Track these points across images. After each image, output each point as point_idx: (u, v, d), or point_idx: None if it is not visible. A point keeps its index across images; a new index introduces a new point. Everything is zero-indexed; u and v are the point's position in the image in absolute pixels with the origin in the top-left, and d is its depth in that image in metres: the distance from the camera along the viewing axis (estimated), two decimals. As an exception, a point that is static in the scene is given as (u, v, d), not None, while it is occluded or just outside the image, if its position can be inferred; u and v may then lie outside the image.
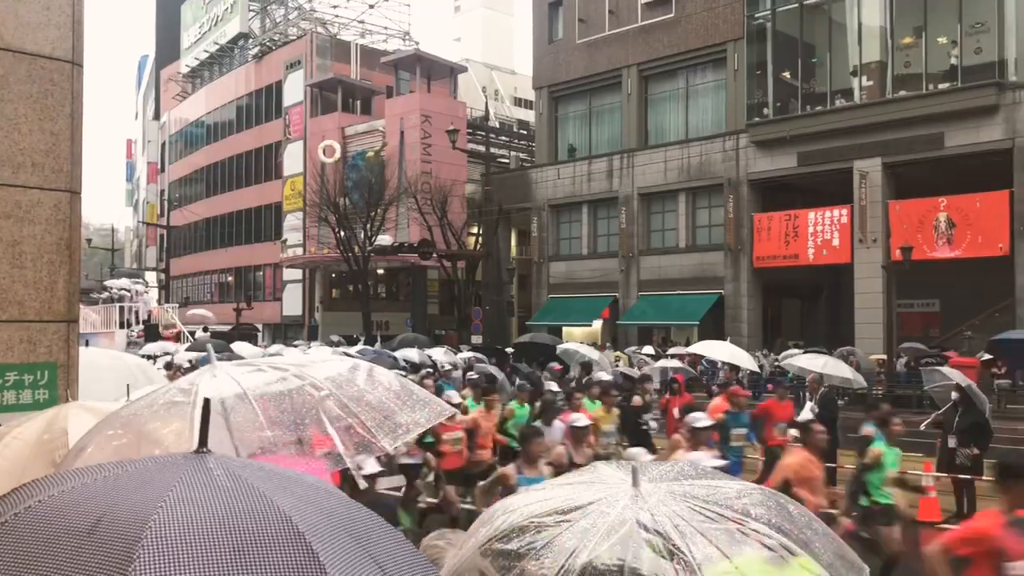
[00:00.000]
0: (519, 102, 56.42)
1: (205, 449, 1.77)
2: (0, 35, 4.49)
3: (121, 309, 31.99)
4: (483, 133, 39.37)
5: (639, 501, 1.96)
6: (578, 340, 32.93)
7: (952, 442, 10.59)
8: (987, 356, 23.64)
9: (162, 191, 67.87)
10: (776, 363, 24.86)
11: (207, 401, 1.82)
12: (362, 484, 3.52)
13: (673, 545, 1.83)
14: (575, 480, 2.35)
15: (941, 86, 27.68)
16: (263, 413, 3.40)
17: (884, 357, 24.71)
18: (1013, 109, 26.15)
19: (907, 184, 28.70)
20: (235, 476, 1.63)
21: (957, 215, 27.42)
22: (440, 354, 21.61)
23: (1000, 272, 26.47)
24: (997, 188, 26.48)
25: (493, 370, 16.70)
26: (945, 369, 12.87)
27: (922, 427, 13.15)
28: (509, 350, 23.24)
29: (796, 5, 30.90)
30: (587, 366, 16.99)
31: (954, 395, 10.94)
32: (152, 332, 31.19)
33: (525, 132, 50.15)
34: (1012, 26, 26.40)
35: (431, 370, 17.53)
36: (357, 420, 3.37)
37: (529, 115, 48.05)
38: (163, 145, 68.61)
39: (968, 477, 10.42)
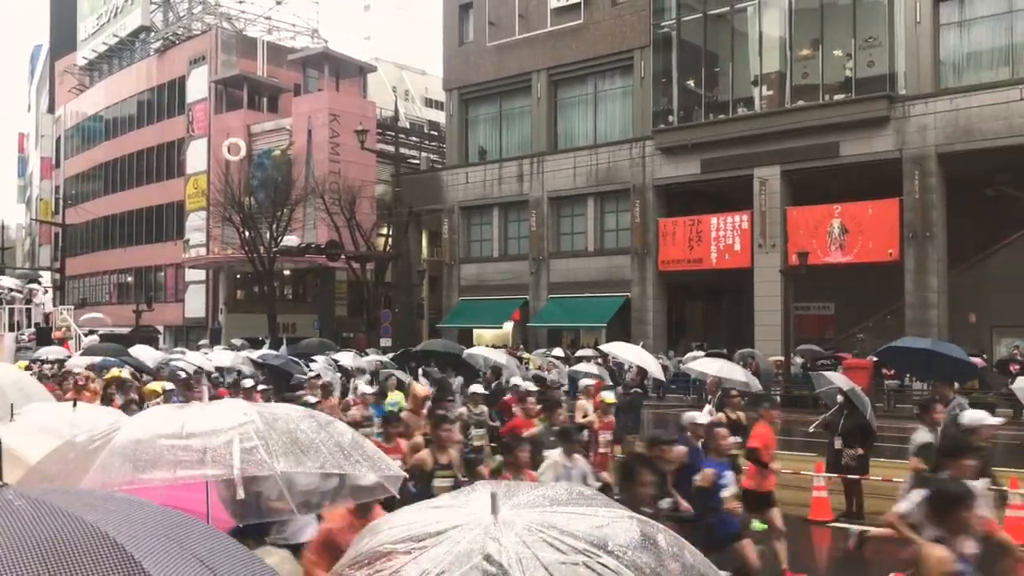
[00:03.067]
0: (430, 103, 56.20)
1: (1, 483, 1.74)
2: None
3: (11, 311, 30.59)
4: (393, 133, 39.07)
5: (493, 530, 1.94)
6: (488, 342, 33.03)
7: (838, 443, 11.03)
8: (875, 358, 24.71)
9: (57, 187, 65.19)
10: (680, 364, 25.42)
11: None
12: (240, 494, 3.52)
13: None
14: (447, 502, 2.34)
15: (836, 97, 28.79)
16: (184, 436, 3.49)
17: (782, 359, 25.54)
18: (902, 121, 27.40)
19: (804, 191, 29.74)
20: (37, 502, 1.61)
21: (850, 222, 28.57)
22: (348, 358, 21.36)
23: (891, 277, 27.69)
24: (888, 196, 27.70)
25: (400, 374, 16.60)
26: (829, 374, 13.40)
27: (811, 429, 13.70)
28: (416, 349, 23.13)
29: (700, 15, 31.69)
30: (496, 370, 17.06)
31: (839, 398, 11.40)
32: (44, 335, 29.92)
33: (436, 133, 50.00)
34: (901, 42, 27.65)
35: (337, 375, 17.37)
36: (265, 445, 3.46)
37: (440, 116, 47.95)
38: (58, 140, 65.97)
39: (855, 477, 10.86)
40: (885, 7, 27.83)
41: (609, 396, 11.59)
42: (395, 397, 13.10)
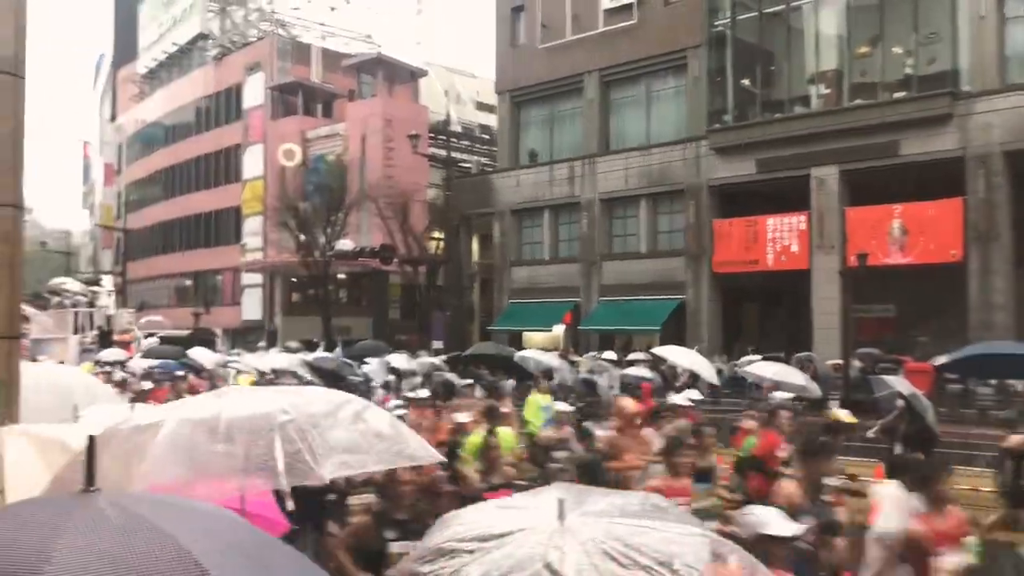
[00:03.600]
0: (481, 106, 56.36)
1: (94, 487, 1.73)
2: (-62, 45, 4.37)
3: (75, 315, 31.37)
4: (445, 137, 39.33)
5: (557, 537, 1.93)
6: (539, 345, 32.95)
7: (898, 449, 10.76)
8: (941, 361, 24.07)
9: (119, 193, 66.83)
10: (736, 368, 25.06)
11: (92, 439, 1.80)
12: (290, 505, 3.55)
13: None
14: (517, 503, 2.33)
15: (896, 95, 28.14)
16: (224, 432, 3.51)
17: (840, 362, 25.02)
18: (966, 119, 26.66)
19: (863, 191, 29.11)
20: (128, 512, 1.61)
21: (911, 222, 27.88)
22: (402, 360, 21.48)
23: (953, 279, 26.95)
24: (950, 196, 26.97)
25: (451, 376, 16.64)
26: (889, 378, 13.10)
27: (870, 434, 13.36)
28: (467, 353, 23.17)
29: (755, 13, 31.24)
30: (547, 373, 16.99)
31: (899, 402, 11.11)
32: (106, 338, 30.62)
33: (487, 137, 50.15)
34: (965, 37, 26.92)
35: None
36: (307, 447, 3.43)
37: (491, 119, 48.05)
38: (120, 146, 67.58)
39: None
40: (948, 1, 27.13)
41: (561, 406, 11.01)
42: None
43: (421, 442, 3.84)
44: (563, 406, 10.86)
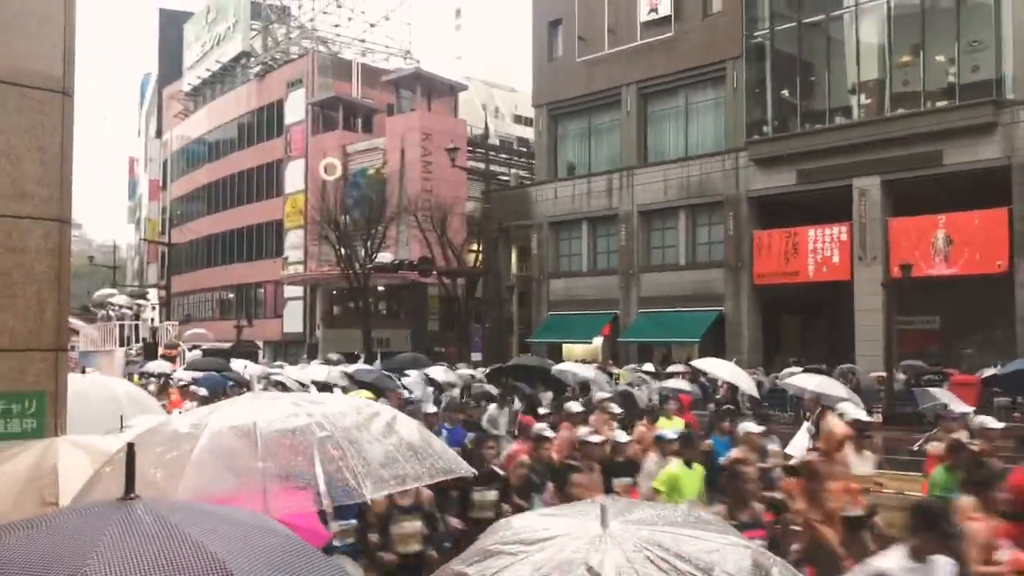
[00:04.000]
0: (519, 119, 56.60)
1: (133, 495, 1.78)
2: (-8, 66, 4.54)
3: (121, 327, 32.02)
4: (483, 151, 39.50)
5: (600, 542, 1.96)
6: (578, 357, 32.89)
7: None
8: (988, 373, 23.60)
9: (164, 208, 68.06)
10: (776, 380, 24.79)
11: (131, 446, 1.85)
12: (333, 527, 3.58)
13: None
14: (562, 511, 2.38)
15: (939, 104, 27.74)
16: (263, 446, 3.54)
17: (884, 375, 24.63)
18: (1011, 127, 26.21)
19: (906, 201, 28.72)
20: (164, 522, 1.66)
21: (955, 232, 27.43)
22: (440, 372, 21.56)
23: (999, 289, 26.45)
24: (995, 206, 26.50)
25: (490, 389, 16.67)
26: (935, 390, 12.88)
27: (915, 447, 13.13)
28: (508, 364, 23.18)
29: (794, 23, 31.05)
30: (584, 386, 16.96)
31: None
32: (151, 351, 31.18)
33: (525, 149, 50.32)
34: (1009, 44, 26.50)
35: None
36: (347, 464, 3.47)
37: (529, 132, 48.21)
38: (165, 163, 68.88)
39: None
40: (991, 9, 26.72)
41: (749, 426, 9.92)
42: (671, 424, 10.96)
43: (451, 453, 3.86)
44: (751, 426, 9.47)
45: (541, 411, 12.43)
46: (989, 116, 26.38)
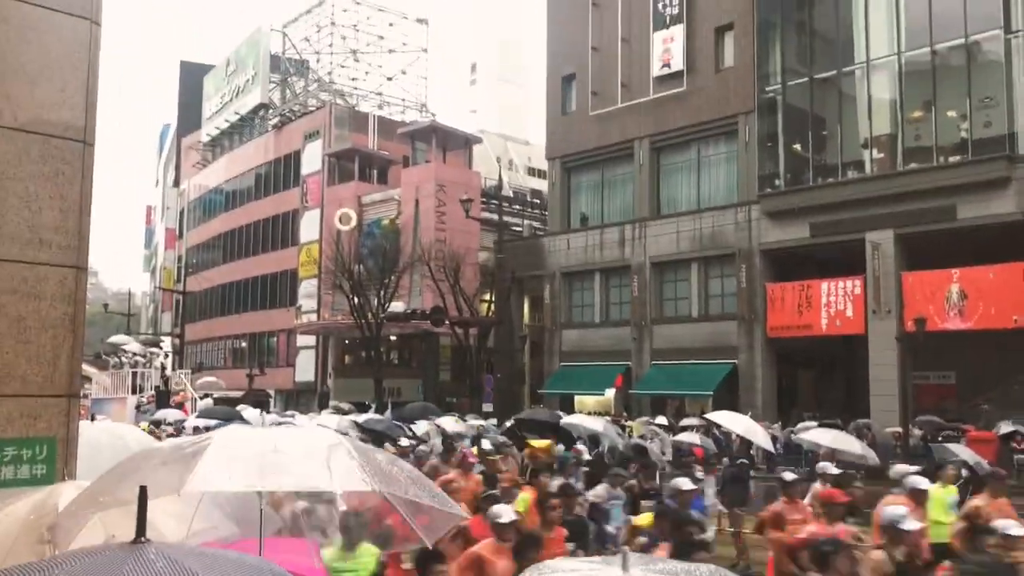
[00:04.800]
0: (532, 171, 57.10)
1: (144, 539, 1.81)
2: (15, 116, 4.63)
3: (134, 375, 32.09)
4: (497, 202, 39.77)
5: None
6: (591, 409, 32.69)
7: (965, 521, 10.36)
8: (1006, 430, 23.31)
9: (179, 257, 68.64)
10: (792, 434, 24.55)
11: (143, 490, 1.88)
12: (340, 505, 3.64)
13: None
14: (595, 559, 2.47)
15: (952, 159, 27.84)
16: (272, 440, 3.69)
17: (900, 430, 24.36)
18: (1024, 182, 26.23)
19: (920, 255, 28.66)
20: (175, 564, 1.69)
21: (970, 287, 27.30)
22: (450, 423, 21.45)
23: (1016, 344, 26.20)
24: (1010, 260, 26.38)
25: (502, 439, 16.54)
26: (953, 446, 12.72)
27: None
28: (507, 424, 23.06)
29: (806, 79, 31.35)
30: (593, 439, 16.83)
31: (964, 472, 10.77)
32: (163, 398, 31.20)
33: (538, 201, 50.65)
34: (1020, 101, 26.64)
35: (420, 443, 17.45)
36: (357, 464, 3.55)
37: (542, 184, 48.58)
38: (182, 212, 69.63)
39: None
40: (1002, 66, 26.94)
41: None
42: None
43: (450, 500, 3.93)
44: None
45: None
46: (1002, 171, 26.42)
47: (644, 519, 8.04)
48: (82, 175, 4.82)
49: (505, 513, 6.33)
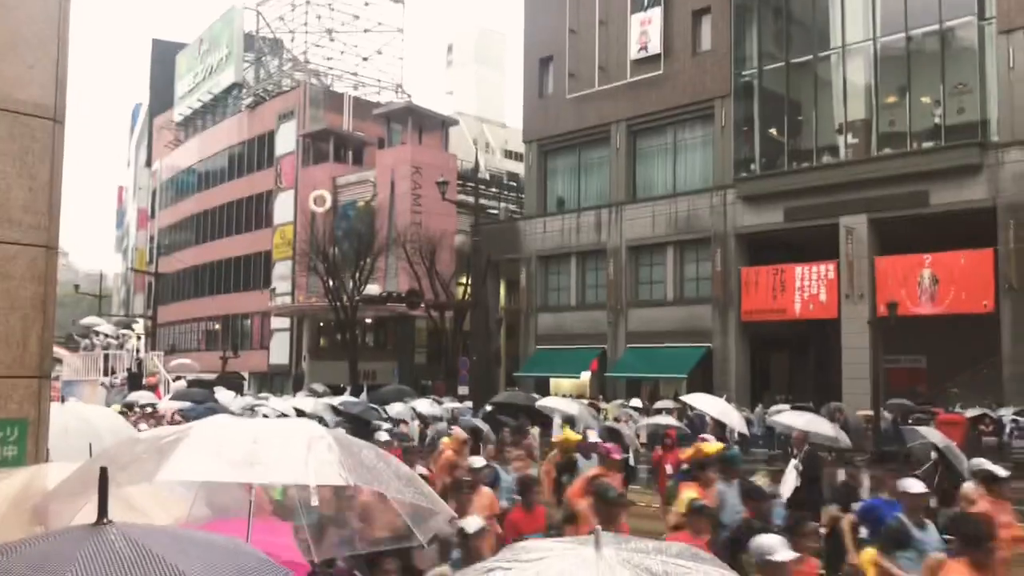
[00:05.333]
0: (509, 154, 56.95)
1: (106, 520, 1.77)
2: (-17, 92, 4.52)
3: (106, 357, 31.73)
4: (473, 184, 39.63)
5: (589, 561, 2.03)
6: (567, 392, 32.80)
7: (933, 502, 10.51)
8: (973, 412, 23.64)
9: (152, 238, 67.91)
10: (766, 417, 24.79)
11: (104, 471, 1.85)
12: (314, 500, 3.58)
13: None
14: (563, 539, 2.48)
15: (925, 144, 28.07)
16: (252, 432, 3.57)
17: (871, 413, 24.63)
18: (996, 169, 26.52)
19: (892, 240, 28.94)
20: (137, 545, 1.66)
21: (942, 272, 27.62)
22: (425, 405, 21.46)
23: (986, 329, 26.59)
24: (981, 246, 26.72)
25: (477, 422, 16.58)
26: (923, 428, 12.87)
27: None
28: (488, 408, 23.09)
29: (782, 63, 31.44)
30: (569, 421, 16.89)
31: (933, 455, 10.91)
32: (135, 381, 30.91)
33: (515, 184, 50.54)
34: (993, 88, 26.90)
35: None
36: (335, 459, 3.48)
37: (519, 167, 48.49)
38: (154, 192, 68.85)
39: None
40: (976, 53, 27.16)
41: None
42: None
43: (436, 496, 3.90)
44: None
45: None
46: (975, 158, 26.69)
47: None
48: (52, 153, 4.72)
49: None
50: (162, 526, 2.38)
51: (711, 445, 10.82)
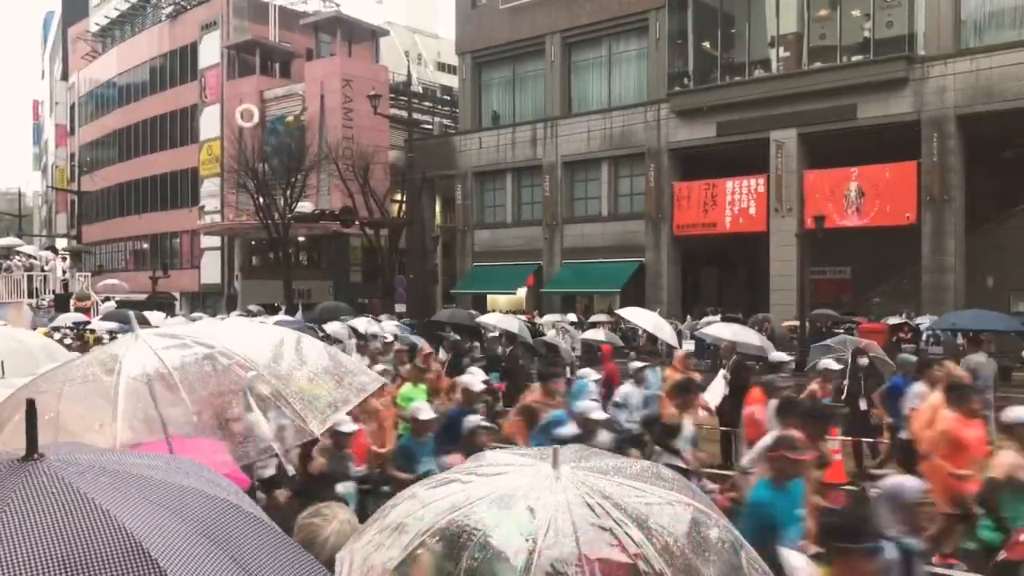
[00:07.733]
0: (443, 67, 55.80)
1: (36, 455, 1.55)
2: None
3: (29, 278, 30.78)
4: (406, 98, 38.81)
5: (544, 480, 2.03)
6: (503, 308, 33.06)
7: (863, 404, 11.08)
8: (893, 321, 24.59)
9: (72, 155, 65.35)
10: (695, 329, 25.38)
11: (31, 403, 1.62)
12: (290, 470, 3.48)
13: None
14: (528, 452, 2.40)
15: (854, 58, 28.37)
16: (188, 394, 3.29)
17: (796, 323, 25.43)
18: (921, 83, 26.99)
19: (821, 154, 29.44)
20: (69, 488, 1.45)
21: (867, 185, 28.29)
22: (363, 323, 21.40)
23: (908, 241, 27.47)
24: (906, 159, 27.37)
25: (416, 339, 16.64)
26: (831, 341, 13.60)
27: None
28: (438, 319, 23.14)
29: (717, -25, 31.19)
30: (511, 336, 17.08)
31: (862, 361, 11.40)
32: (62, 303, 30.13)
33: (448, 98, 49.68)
34: (921, 1, 27.15)
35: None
36: (286, 403, 3.28)
37: (453, 81, 47.60)
38: (72, 107, 65.97)
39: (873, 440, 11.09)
40: (905, -34, 27.31)
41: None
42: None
43: (363, 367, 3.81)
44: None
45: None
46: (901, 72, 27.09)
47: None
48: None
49: None
50: (108, 457, 2.22)
51: None
